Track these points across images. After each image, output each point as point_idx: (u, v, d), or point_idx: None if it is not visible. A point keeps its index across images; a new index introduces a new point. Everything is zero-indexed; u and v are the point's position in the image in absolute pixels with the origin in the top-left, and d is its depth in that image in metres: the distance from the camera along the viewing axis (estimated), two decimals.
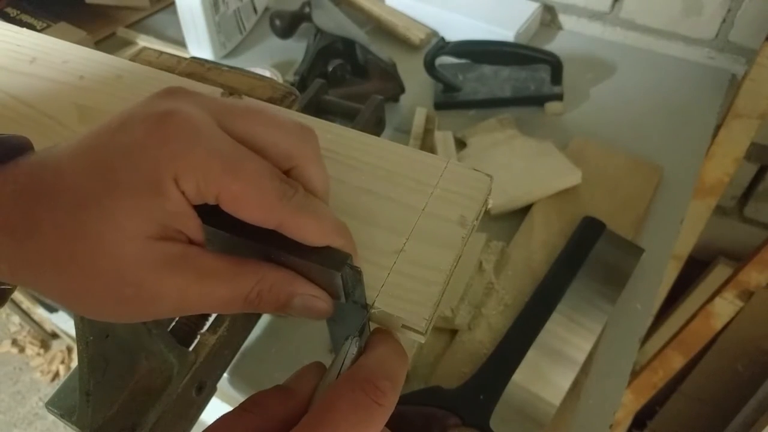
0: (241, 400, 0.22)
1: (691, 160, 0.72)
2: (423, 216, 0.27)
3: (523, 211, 0.64)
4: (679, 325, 1.09)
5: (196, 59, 0.41)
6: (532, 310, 0.54)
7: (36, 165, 0.22)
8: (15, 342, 1.71)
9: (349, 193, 0.28)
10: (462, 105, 0.79)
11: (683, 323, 1.08)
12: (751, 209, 1.01)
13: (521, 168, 0.66)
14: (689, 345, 1.04)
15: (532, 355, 0.50)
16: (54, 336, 1.71)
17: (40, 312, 1.18)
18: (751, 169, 0.96)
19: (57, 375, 1.65)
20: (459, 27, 0.89)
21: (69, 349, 1.68)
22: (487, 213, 0.64)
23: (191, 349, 0.38)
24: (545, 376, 0.50)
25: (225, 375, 0.44)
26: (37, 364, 1.66)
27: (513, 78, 0.80)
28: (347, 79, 0.79)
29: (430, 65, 0.78)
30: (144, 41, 0.92)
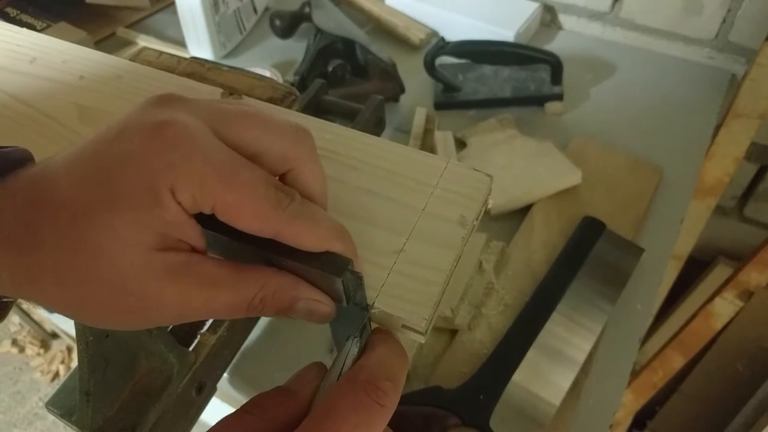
0: (241, 400, 0.22)
1: (691, 160, 0.72)
2: (423, 216, 0.27)
3: (523, 211, 0.64)
4: (679, 325, 1.09)
5: (196, 59, 0.41)
6: (532, 310, 0.54)
7: (36, 177, 0.22)
8: (15, 342, 1.71)
9: (349, 194, 0.28)
10: (462, 105, 0.79)
11: (683, 323, 1.08)
12: (751, 209, 1.01)
13: (521, 168, 0.66)
14: (689, 345, 1.04)
15: (532, 355, 0.50)
16: (54, 336, 1.71)
17: (40, 312, 1.18)
18: (751, 169, 0.96)
19: (57, 375, 1.65)
20: (459, 27, 0.89)
21: (69, 349, 1.68)
22: (487, 213, 0.64)
23: (191, 349, 0.38)
24: (545, 376, 0.50)
25: (225, 375, 0.44)
26: (37, 364, 1.66)
27: (513, 78, 0.80)
28: (347, 79, 0.79)
29: (430, 65, 0.78)
30: (144, 41, 0.92)
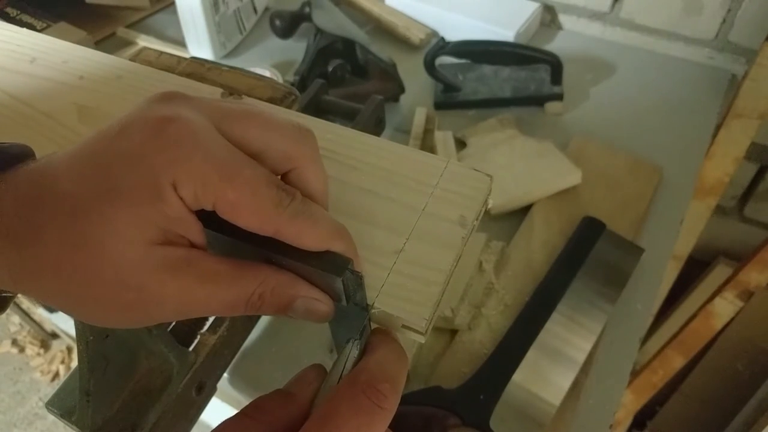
0: (241, 399, 0.22)
1: (691, 160, 0.72)
2: (423, 216, 0.27)
3: (523, 211, 0.64)
4: (679, 325, 1.09)
5: (196, 59, 0.41)
6: (532, 310, 0.54)
7: (36, 173, 0.22)
8: (15, 342, 1.71)
9: (349, 194, 0.28)
10: (462, 105, 0.79)
11: (683, 323, 1.08)
12: (751, 209, 1.01)
13: (521, 168, 0.66)
14: (689, 345, 1.04)
15: (532, 355, 0.50)
16: (54, 336, 1.71)
17: (40, 312, 1.18)
18: (751, 169, 0.96)
19: (57, 375, 1.65)
20: (459, 27, 0.89)
21: (69, 349, 1.68)
22: (487, 213, 0.64)
23: (191, 349, 0.38)
24: (545, 376, 0.50)
25: (225, 375, 0.44)
26: (37, 364, 1.66)
27: (513, 78, 0.80)
28: (347, 79, 0.79)
29: (430, 65, 0.78)
30: (144, 41, 0.92)
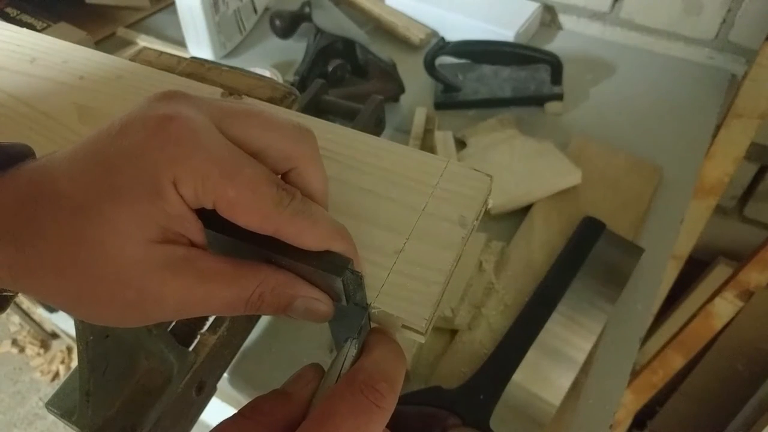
0: (241, 400, 0.22)
1: (691, 160, 0.72)
2: (423, 216, 0.27)
3: (523, 211, 0.64)
4: (679, 325, 1.09)
5: (196, 59, 0.41)
6: (532, 310, 0.54)
7: (37, 171, 0.22)
8: (15, 342, 1.71)
9: (350, 193, 0.28)
10: (462, 105, 0.79)
11: (683, 323, 1.08)
12: (751, 209, 1.01)
13: (521, 168, 0.66)
14: (689, 345, 1.04)
15: (532, 355, 0.50)
16: (54, 336, 1.71)
17: (40, 312, 1.18)
18: (751, 169, 0.96)
19: (57, 375, 1.65)
20: (459, 27, 0.89)
21: (69, 349, 1.68)
22: (487, 213, 0.64)
23: (191, 349, 0.38)
24: (545, 376, 0.50)
25: (225, 375, 0.44)
26: (37, 364, 1.66)
27: (513, 78, 0.80)
28: (347, 79, 0.79)
29: (430, 65, 0.78)
30: (144, 41, 0.92)
